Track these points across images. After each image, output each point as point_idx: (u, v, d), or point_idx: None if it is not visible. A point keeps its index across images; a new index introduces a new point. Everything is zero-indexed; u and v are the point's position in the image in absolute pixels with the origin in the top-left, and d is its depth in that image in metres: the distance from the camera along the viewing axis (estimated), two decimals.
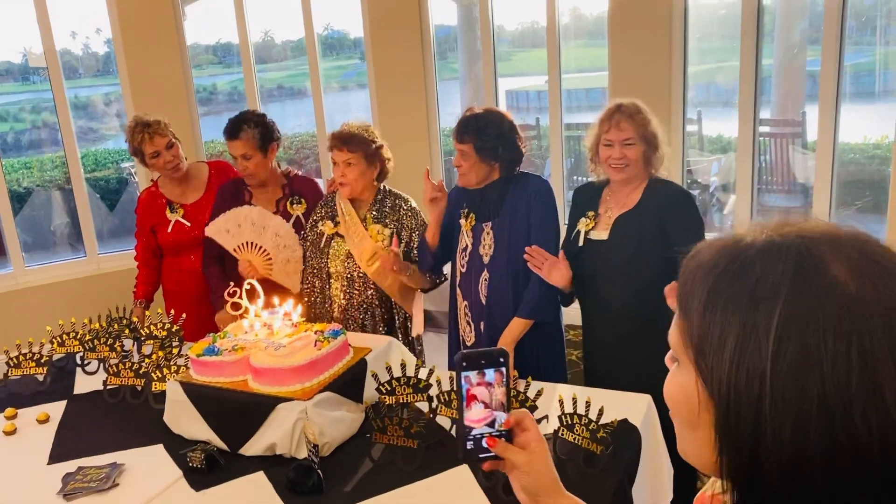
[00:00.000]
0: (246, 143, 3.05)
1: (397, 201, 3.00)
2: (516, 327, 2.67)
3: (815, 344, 0.66)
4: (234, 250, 3.05)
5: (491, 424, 1.08)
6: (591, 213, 2.61)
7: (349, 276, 2.96)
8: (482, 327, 2.79)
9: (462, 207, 2.82)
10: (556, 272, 2.55)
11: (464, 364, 1.06)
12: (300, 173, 3.35)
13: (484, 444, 1.07)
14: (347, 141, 2.86)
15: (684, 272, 0.77)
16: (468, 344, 2.86)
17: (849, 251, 0.70)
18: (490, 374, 1.07)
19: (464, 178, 2.73)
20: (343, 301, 2.98)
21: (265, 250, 3.04)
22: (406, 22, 5.13)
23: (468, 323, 2.84)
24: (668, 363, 0.82)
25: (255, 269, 2.99)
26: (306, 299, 3.06)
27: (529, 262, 2.57)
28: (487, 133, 2.66)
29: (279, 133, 3.19)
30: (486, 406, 1.07)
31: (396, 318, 3.00)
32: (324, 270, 3.00)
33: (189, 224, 3.34)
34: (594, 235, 2.60)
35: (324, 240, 3.01)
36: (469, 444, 1.07)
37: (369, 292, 2.96)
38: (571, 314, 2.82)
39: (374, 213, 2.97)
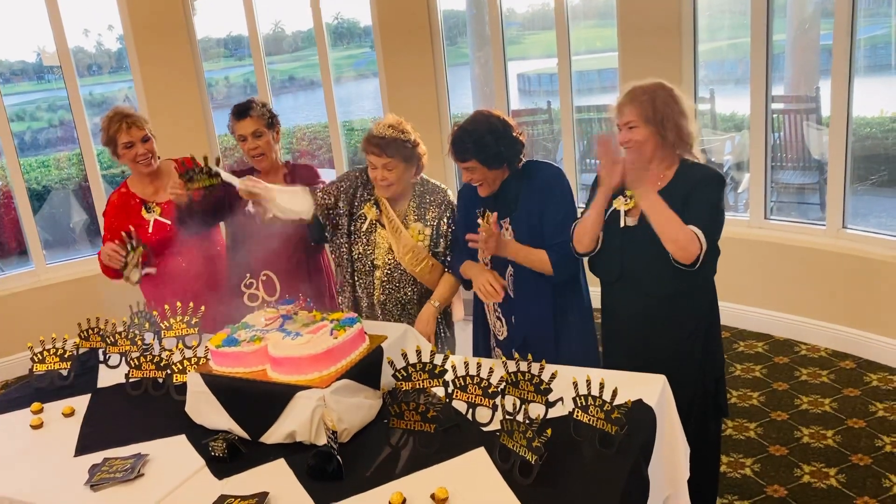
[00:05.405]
0: (256, 119, 3.09)
1: (437, 194, 2.94)
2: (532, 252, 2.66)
3: None
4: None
5: None
6: (629, 193, 2.49)
7: (390, 268, 2.91)
8: (513, 320, 2.78)
9: (478, 208, 2.73)
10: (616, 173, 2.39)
11: None
12: (298, 162, 3.34)
13: None
14: (384, 147, 2.75)
15: None
16: (500, 339, 2.86)
17: None
18: None
19: (482, 188, 2.72)
20: (382, 296, 2.93)
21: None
22: (414, 8, 5.13)
23: (498, 318, 2.83)
24: None
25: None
26: (336, 287, 3.05)
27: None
28: (486, 142, 2.61)
29: (279, 123, 3.22)
30: None
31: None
32: (368, 258, 2.93)
33: (169, 222, 3.21)
34: (629, 221, 2.52)
35: (367, 224, 2.93)
36: None
37: (409, 289, 2.93)
38: (596, 300, 2.81)
39: (414, 209, 2.91)
